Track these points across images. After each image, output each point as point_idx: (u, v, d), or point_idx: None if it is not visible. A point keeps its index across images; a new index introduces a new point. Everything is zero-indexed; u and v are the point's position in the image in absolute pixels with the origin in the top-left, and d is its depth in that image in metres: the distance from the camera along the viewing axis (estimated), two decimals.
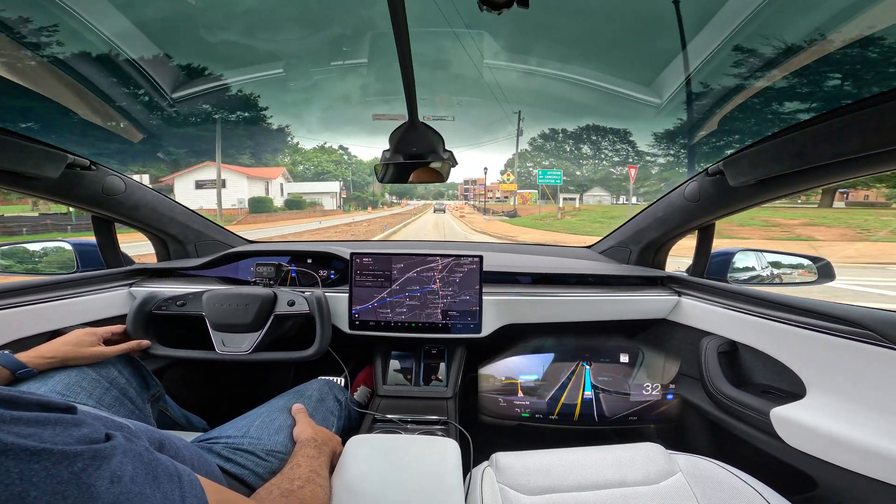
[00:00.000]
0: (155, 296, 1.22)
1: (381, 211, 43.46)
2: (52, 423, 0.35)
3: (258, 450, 0.80)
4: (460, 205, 58.80)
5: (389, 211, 44.97)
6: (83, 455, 0.34)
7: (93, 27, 1.12)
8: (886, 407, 0.81)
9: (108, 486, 0.34)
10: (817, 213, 15.19)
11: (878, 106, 0.71)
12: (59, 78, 1.24)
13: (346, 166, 53.57)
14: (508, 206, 37.25)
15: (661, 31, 1.24)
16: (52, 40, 1.11)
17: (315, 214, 31.20)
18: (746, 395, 1.04)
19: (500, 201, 61.15)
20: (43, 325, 1.10)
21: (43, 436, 0.33)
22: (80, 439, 0.36)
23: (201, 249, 1.67)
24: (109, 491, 0.34)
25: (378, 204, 50.63)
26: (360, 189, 51.03)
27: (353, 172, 52.97)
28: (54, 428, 0.35)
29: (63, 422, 0.36)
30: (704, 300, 1.28)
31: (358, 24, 1.45)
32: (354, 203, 45.38)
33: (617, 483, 0.84)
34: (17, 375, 0.79)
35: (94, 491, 0.33)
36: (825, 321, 0.92)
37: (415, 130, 0.92)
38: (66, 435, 0.35)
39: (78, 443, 0.35)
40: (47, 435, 0.34)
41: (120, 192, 1.33)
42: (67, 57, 1.19)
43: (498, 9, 0.57)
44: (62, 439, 0.34)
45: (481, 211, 39.56)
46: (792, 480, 0.89)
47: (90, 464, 0.34)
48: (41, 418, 0.35)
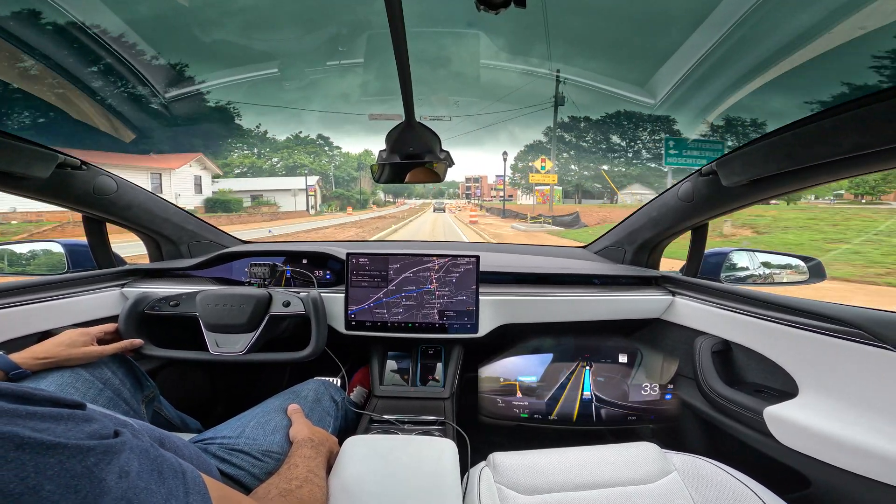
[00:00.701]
0: (148, 296, 1.20)
1: (366, 212, 37.66)
2: (64, 418, 0.36)
3: (254, 450, 0.80)
4: (468, 205, 52.22)
5: (377, 212, 38.82)
6: (95, 450, 0.35)
7: (83, 25, 1.10)
8: (877, 406, 0.82)
9: (117, 480, 0.34)
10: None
11: (868, 106, 0.72)
12: (48, 77, 1.22)
13: (326, 159, 46.07)
14: (540, 206, 27.42)
15: (656, 31, 1.25)
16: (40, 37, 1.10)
17: (257, 220, 23.12)
18: (740, 395, 1.05)
19: (502, 199, 56.99)
20: (34, 326, 1.09)
21: (56, 430, 0.34)
22: (92, 434, 0.36)
23: (194, 250, 1.65)
24: (118, 486, 0.34)
25: (368, 203, 44.87)
26: (344, 186, 45.17)
27: (336, 167, 45.74)
28: (66, 423, 0.35)
29: (75, 417, 0.37)
30: (698, 300, 1.29)
31: (354, 23, 1.44)
32: (338, 202, 39.35)
33: (613, 482, 0.84)
34: (11, 376, 0.78)
35: (105, 485, 0.33)
36: (817, 320, 0.93)
37: (411, 130, 0.91)
38: (77, 430, 0.35)
39: (89, 438, 0.35)
40: (60, 430, 0.34)
41: (111, 191, 1.31)
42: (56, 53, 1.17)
43: (495, 8, 0.57)
44: (74, 434, 0.35)
45: (495, 213, 31.94)
46: (785, 479, 0.90)
47: (102, 458, 0.35)
48: (54, 413, 0.35)
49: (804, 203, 20.88)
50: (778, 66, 1.01)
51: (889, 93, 0.69)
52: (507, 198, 48.27)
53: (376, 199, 50.21)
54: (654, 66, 1.25)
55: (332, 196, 40.72)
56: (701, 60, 1.14)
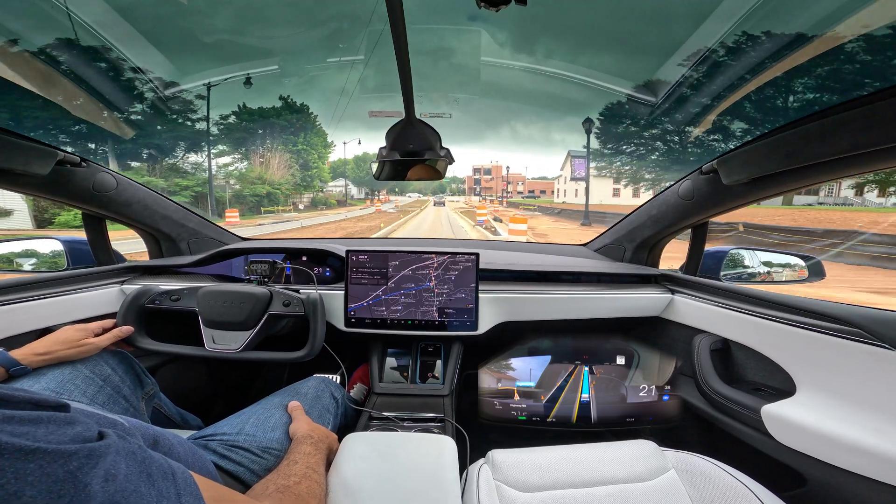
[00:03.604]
0: (150, 289, 1.20)
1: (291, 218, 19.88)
2: (45, 421, 0.35)
3: (254, 447, 0.80)
4: (479, 202, 35.40)
5: (327, 216, 22.12)
6: (78, 454, 0.34)
7: (83, 22, 1.10)
8: (873, 404, 0.83)
9: (102, 484, 0.34)
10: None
11: (868, 105, 0.72)
12: (45, 71, 1.22)
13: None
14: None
15: (659, 28, 1.25)
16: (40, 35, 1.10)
17: None
18: (738, 393, 1.06)
19: (528, 196, 48.96)
20: (33, 323, 1.09)
21: (37, 434, 0.33)
22: (74, 438, 0.35)
23: (194, 247, 1.65)
24: (104, 490, 0.34)
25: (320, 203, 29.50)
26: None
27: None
28: (47, 426, 0.34)
29: (56, 420, 0.36)
30: (697, 298, 1.29)
31: (354, 19, 1.44)
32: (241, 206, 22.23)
33: (611, 480, 0.84)
34: (11, 373, 0.78)
35: (90, 490, 0.33)
36: (816, 319, 0.93)
37: (411, 127, 0.91)
38: (59, 433, 0.35)
39: (72, 441, 0.35)
40: (41, 434, 0.33)
41: (111, 188, 1.31)
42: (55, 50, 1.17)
43: (495, 5, 0.57)
44: (56, 438, 0.34)
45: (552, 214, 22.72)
46: (782, 477, 0.90)
47: (85, 462, 0.34)
48: (34, 417, 0.34)
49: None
50: (777, 66, 1.01)
51: (890, 91, 0.69)
52: (540, 193, 42.24)
53: (331, 197, 33.86)
54: (656, 63, 1.25)
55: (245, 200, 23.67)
56: (703, 57, 1.13)
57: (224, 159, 25.95)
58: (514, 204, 39.04)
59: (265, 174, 25.72)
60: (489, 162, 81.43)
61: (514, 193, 62.40)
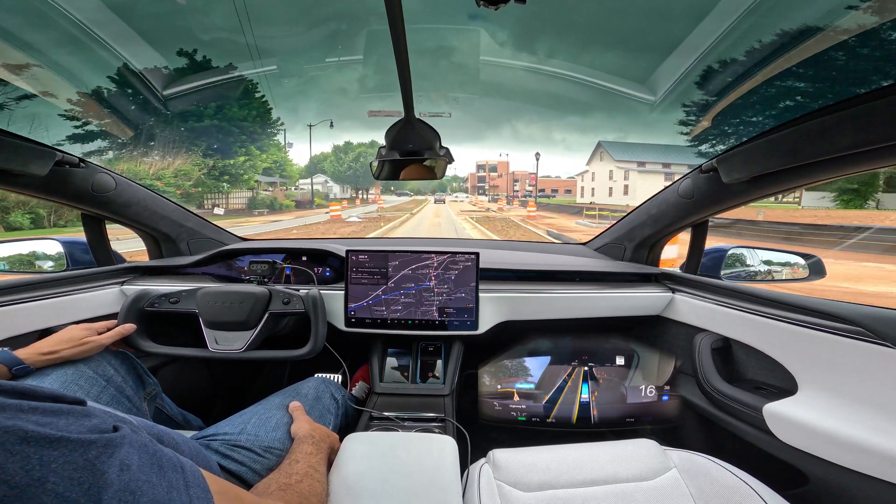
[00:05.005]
0: (148, 293, 1.20)
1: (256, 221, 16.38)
2: (66, 413, 0.36)
3: (255, 446, 0.80)
4: (481, 201, 31.85)
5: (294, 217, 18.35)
6: (97, 443, 0.35)
7: (81, 23, 1.10)
8: (875, 403, 0.82)
9: (118, 473, 0.35)
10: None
11: (869, 103, 0.72)
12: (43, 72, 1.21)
13: None
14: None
15: (658, 25, 1.24)
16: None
17: None
18: (739, 392, 1.05)
19: (544, 195, 44.89)
20: (33, 324, 1.09)
21: (59, 425, 0.35)
22: (92, 429, 0.37)
23: (194, 247, 1.65)
24: (120, 478, 0.35)
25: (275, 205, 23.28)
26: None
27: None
28: (68, 418, 0.36)
29: (75, 412, 0.37)
30: (698, 297, 1.29)
31: (353, 19, 1.43)
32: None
33: (612, 479, 0.84)
34: (14, 372, 0.78)
35: (107, 478, 0.34)
36: (817, 318, 0.93)
37: (411, 127, 0.91)
38: (79, 424, 0.36)
39: (90, 432, 0.36)
40: (62, 424, 0.35)
41: (110, 189, 1.31)
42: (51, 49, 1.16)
43: (495, 4, 0.57)
44: (76, 428, 0.36)
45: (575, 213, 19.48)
46: (784, 476, 0.90)
47: (103, 451, 0.35)
48: (56, 409, 0.36)
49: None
50: (778, 63, 1.01)
51: (890, 90, 0.69)
52: (552, 193, 39.77)
53: (287, 198, 27.08)
54: (656, 61, 1.24)
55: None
56: (703, 56, 1.13)
57: (89, 146, 17.50)
58: (541, 205, 31.70)
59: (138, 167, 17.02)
60: (497, 156, 74.98)
61: (523, 192, 57.03)
